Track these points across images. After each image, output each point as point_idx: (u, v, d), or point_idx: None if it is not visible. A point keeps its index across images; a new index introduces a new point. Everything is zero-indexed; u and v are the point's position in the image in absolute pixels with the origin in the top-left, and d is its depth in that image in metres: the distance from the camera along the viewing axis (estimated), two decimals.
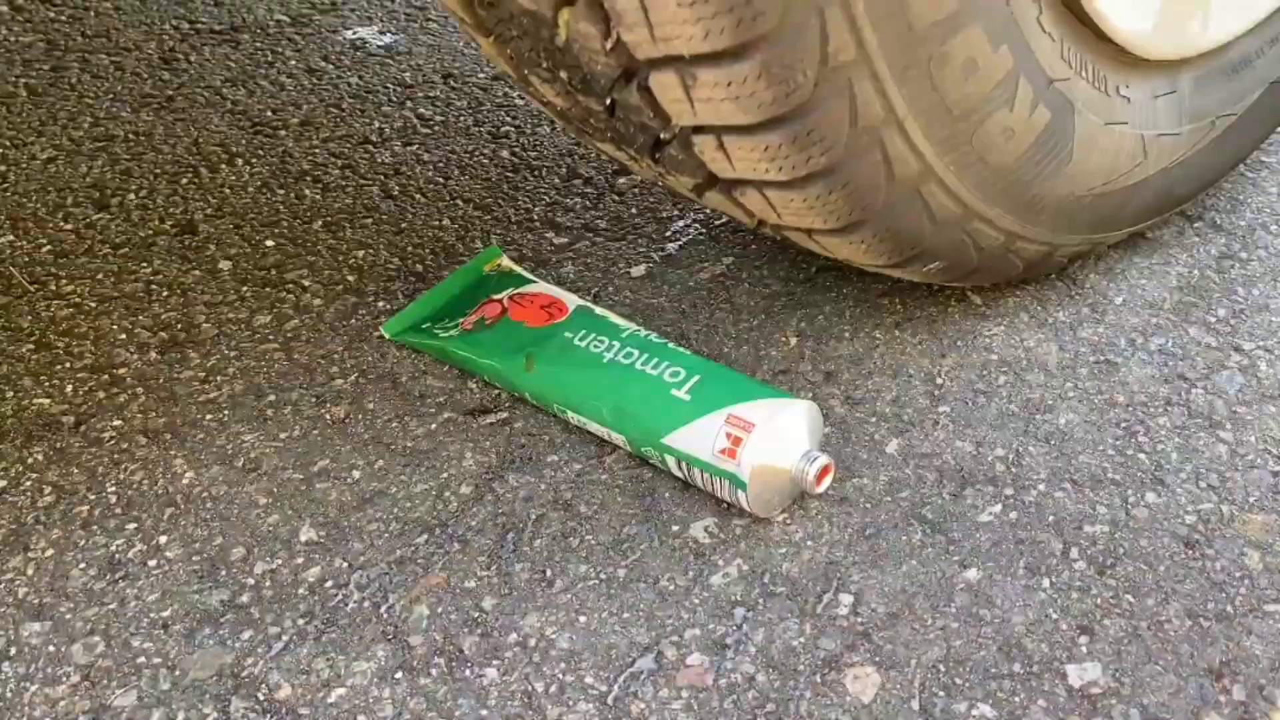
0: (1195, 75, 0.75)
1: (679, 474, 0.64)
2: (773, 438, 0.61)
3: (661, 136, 0.58)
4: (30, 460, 0.70)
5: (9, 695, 0.56)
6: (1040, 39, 0.62)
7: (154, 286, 0.85)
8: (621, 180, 0.96)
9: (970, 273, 0.71)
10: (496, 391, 0.74)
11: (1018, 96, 0.61)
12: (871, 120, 0.56)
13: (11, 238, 0.91)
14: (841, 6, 0.51)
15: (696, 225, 0.90)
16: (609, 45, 0.53)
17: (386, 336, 0.78)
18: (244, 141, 1.04)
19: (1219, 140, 0.78)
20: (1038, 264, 0.74)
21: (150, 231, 0.92)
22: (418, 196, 0.95)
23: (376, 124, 1.07)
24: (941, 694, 0.54)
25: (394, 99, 1.11)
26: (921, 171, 0.61)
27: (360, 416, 0.72)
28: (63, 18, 1.29)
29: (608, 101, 0.57)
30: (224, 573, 0.62)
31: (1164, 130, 0.73)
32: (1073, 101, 0.65)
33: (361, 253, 0.88)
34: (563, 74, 0.57)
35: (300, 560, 0.63)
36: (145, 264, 0.88)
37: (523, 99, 1.10)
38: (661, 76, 0.54)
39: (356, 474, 0.68)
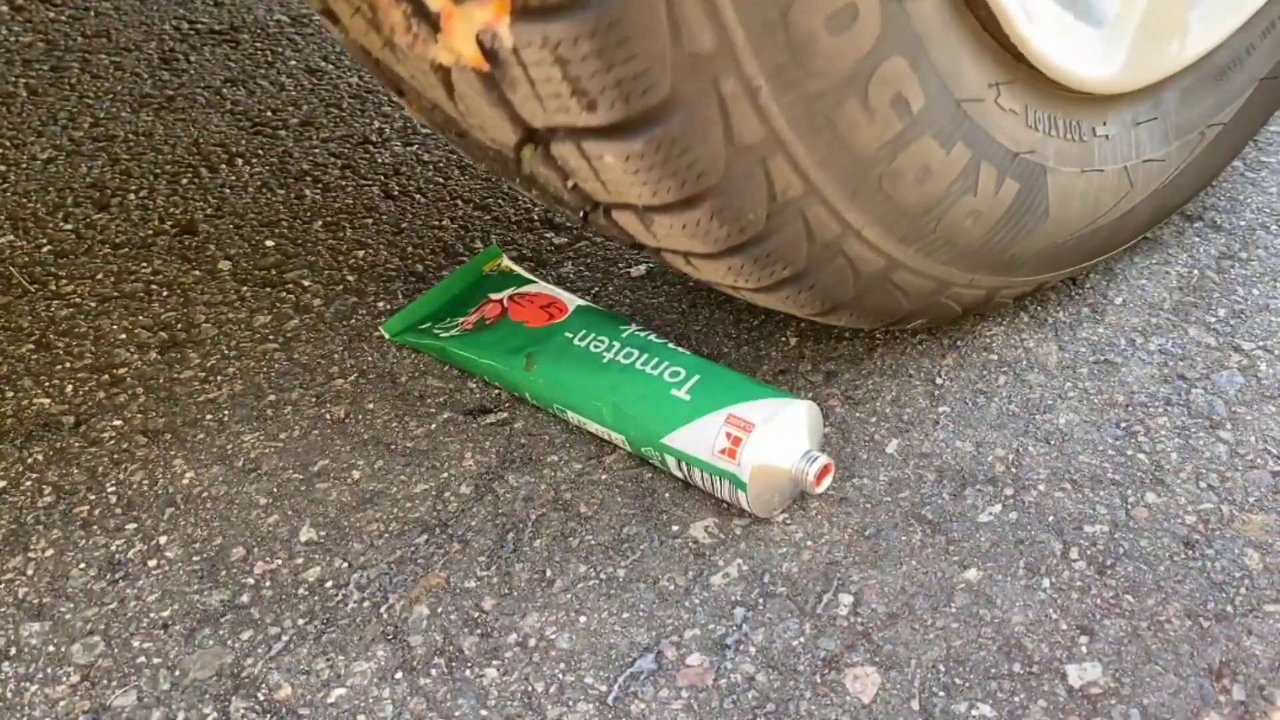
0: (1180, 89, 0.73)
1: (679, 474, 0.64)
2: (773, 438, 0.61)
3: (637, 242, 0.59)
4: (30, 460, 0.70)
5: (9, 695, 0.56)
6: (1001, 119, 0.61)
7: (154, 286, 0.85)
8: None
9: (959, 318, 0.72)
10: (496, 391, 0.74)
11: (980, 182, 0.61)
12: (829, 237, 0.57)
13: (11, 238, 0.92)
14: (783, 154, 0.52)
15: None
16: (569, 186, 0.54)
17: (386, 336, 0.78)
18: (244, 141, 1.04)
19: (1210, 147, 0.78)
20: (1025, 296, 0.75)
21: (150, 231, 0.92)
22: (418, 196, 0.95)
23: (376, 124, 1.07)
24: (941, 694, 0.54)
25: (394, 99, 1.11)
26: (887, 265, 0.61)
27: (360, 416, 0.72)
28: (63, 18, 1.29)
29: (581, 214, 0.58)
30: (224, 573, 0.62)
31: (1150, 155, 0.72)
32: (1044, 164, 0.65)
33: (361, 253, 0.88)
34: (534, 192, 0.58)
35: (300, 560, 0.63)
36: (145, 264, 0.88)
37: None
38: (622, 214, 0.55)
39: (356, 474, 0.68)
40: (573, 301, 0.74)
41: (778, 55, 0.48)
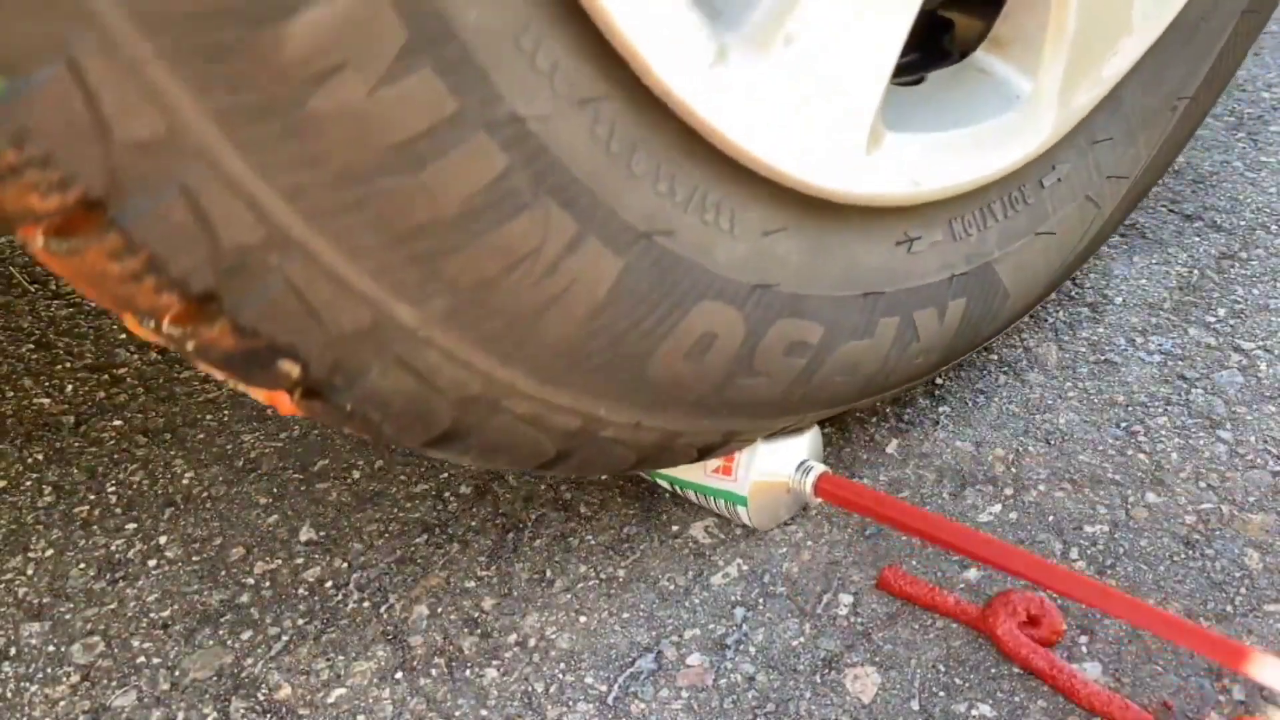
0: (1139, 80, 0.67)
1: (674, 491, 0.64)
2: (768, 451, 0.60)
3: None
4: (30, 460, 0.70)
5: (9, 695, 0.56)
6: (919, 263, 0.58)
7: None
8: None
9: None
10: None
11: (919, 329, 0.59)
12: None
13: (12, 237, 0.91)
14: (696, 434, 0.54)
15: None
16: None
17: None
18: None
19: (1183, 118, 0.72)
20: None
21: None
22: None
23: None
24: (941, 694, 0.54)
25: None
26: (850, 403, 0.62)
27: None
28: None
29: None
30: (224, 573, 0.62)
31: (1113, 172, 0.68)
32: (987, 259, 0.61)
33: None
34: None
35: (300, 560, 0.63)
36: None
37: None
38: None
39: (356, 474, 0.68)
40: None
41: (650, 399, 0.50)
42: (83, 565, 0.63)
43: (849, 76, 0.49)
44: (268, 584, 0.61)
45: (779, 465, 0.61)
